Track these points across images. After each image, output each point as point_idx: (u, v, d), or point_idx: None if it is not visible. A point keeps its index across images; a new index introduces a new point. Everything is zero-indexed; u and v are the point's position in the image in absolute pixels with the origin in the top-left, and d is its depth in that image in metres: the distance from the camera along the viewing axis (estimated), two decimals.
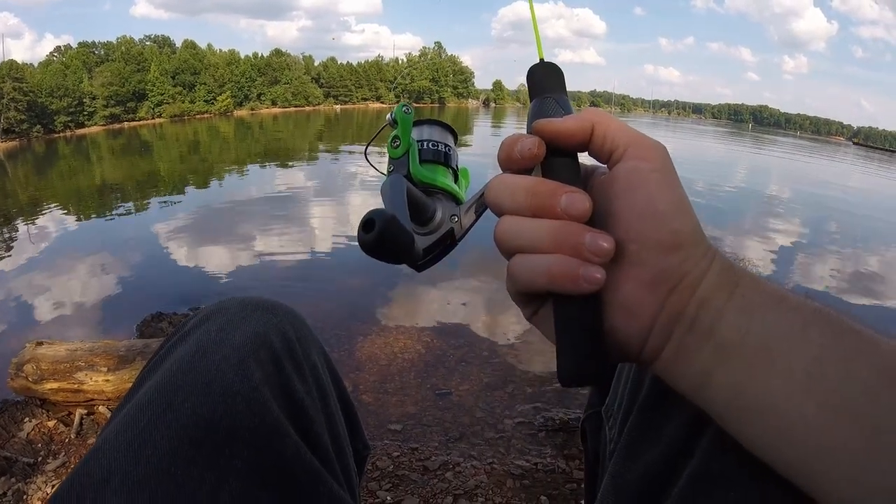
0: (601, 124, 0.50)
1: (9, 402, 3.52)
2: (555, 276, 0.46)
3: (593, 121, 0.50)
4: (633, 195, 0.48)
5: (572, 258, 0.46)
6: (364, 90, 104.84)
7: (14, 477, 2.89)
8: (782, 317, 0.44)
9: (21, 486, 2.81)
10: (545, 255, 0.47)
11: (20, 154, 35.29)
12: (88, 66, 67.09)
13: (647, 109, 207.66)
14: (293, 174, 17.30)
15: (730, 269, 0.48)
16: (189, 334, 0.71)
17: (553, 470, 2.84)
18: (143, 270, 7.47)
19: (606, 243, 0.46)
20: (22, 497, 2.75)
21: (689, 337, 0.47)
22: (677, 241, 0.47)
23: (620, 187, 0.49)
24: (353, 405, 0.93)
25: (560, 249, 0.47)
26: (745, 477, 0.48)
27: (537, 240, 0.48)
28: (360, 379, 4.01)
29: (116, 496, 0.51)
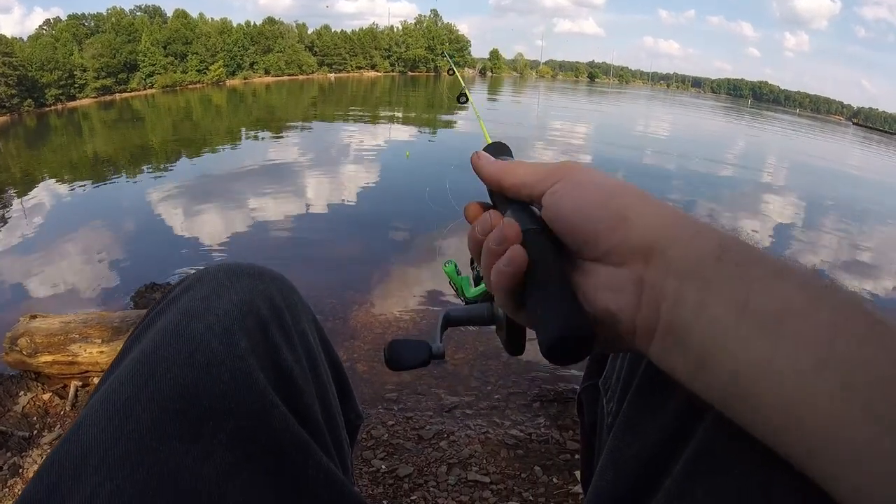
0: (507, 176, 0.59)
1: (3, 376, 3.52)
2: (493, 283, 0.53)
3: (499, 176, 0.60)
4: (564, 208, 0.53)
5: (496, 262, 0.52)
6: (359, 58, 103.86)
7: (10, 451, 2.90)
8: (787, 291, 0.41)
9: (17, 460, 2.83)
10: None
11: (11, 129, 35.00)
12: (78, 38, 66.19)
13: (646, 82, 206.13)
14: (286, 144, 17.24)
15: (709, 232, 0.47)
16: (174, 302, 0.70)
17: (547, 440, 2.86)
18: (136, 241, 7.48)
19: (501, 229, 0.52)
20: (17, 471, 2.76)
21: (678, 313, 0.45)
22: (620, 215, 0.49)
23: (554, 210, 0.54)
24: (344, 373, 0.92)
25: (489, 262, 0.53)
26: (748, 456, 0.45)
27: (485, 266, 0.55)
28: (355, 348, 4.02)
29: (97, 473, 0.50)
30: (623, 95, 79.10)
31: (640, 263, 0.48)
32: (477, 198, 0.65)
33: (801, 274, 0.42)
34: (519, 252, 0.50)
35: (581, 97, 59.28)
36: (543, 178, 0.55)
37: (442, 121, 25.27)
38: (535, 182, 0.56)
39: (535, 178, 0.56)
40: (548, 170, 0.56)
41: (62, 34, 64.66)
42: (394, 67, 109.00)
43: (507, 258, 0.50)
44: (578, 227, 0.51)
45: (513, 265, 0.50)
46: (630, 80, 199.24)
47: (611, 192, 0.51)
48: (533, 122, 24.65)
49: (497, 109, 31.77)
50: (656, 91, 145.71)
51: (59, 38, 63.24)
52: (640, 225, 0.48)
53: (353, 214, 8.55)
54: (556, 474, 2.61)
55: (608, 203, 0.50)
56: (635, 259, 0.48)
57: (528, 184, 0.57)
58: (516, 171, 0.58)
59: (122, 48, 67.14)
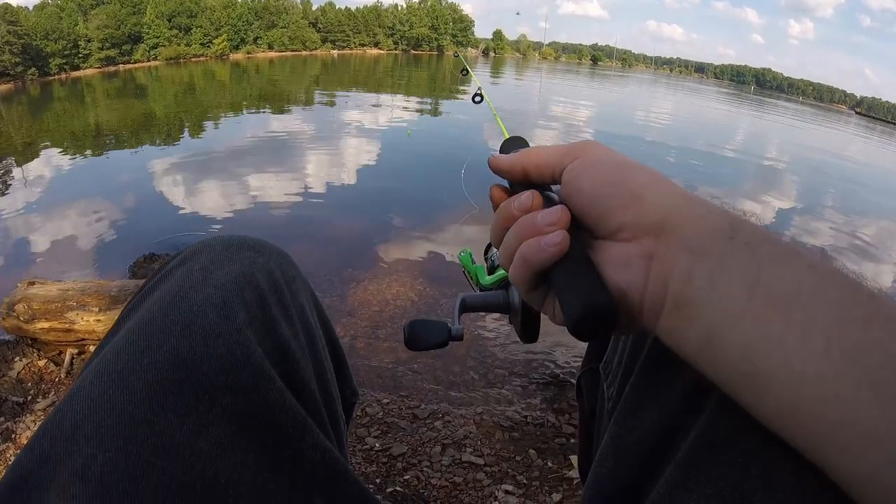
0: (530, 160, 0.60)
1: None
2: (526, 256, 0.52)
3: (521, 162, 0.61)
4: (580, 186, 0.54)
5: (535, 238, 0.52)
6: (362, 35, 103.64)
7: (3, 416, 2.90)
8: (797, 272, 0.41)
9: (10, 426, 2.83)
10: (518, 248, 0.54)
11: (15, 96, 34.89)
12: (84, 8, 65.90)
13: (649, 66, 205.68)
14: (288, 119, 17.16)
15: (721, 212, 0.47)
16: (171, 273, 0.69)
17: (542, 423, 2.87)
18: (136, 212, 7.47)
19: (556, 211, 0.53)
20: (10, 436, 2.76)
21: (687, 289, 0.45)
22: (634, 193, 0.50)
23: (572, 187, 0.55)
24: (342, 349, 0.91)
25: (524, 237, 0.53)
26: (751, 443, 0.45)
27: (510, 241, 0.55)
28: (352, 325, 4.02)
29: (89, 444, 0.50)
30: (626, 79, 78.77)
31: (651, 239, 0.48)
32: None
33: (810, 256, 0.42)
34: (566, 235, 0.51)
35: (583, 80, 59.05)
36: (562, 157, 0.57)
37: (444, 99, 25.22)
38: (555, 161, 0.57)
39: (555, 158, 0.57)
40: (566, 149, 0.57)
41: (67, 4, 64.34)
42: (397, 46, 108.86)
43: (555, 238, 0.51)
44: (594, 203, 0.52)
45: (559, 246, 0.51)
46: (633, 64, 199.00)
47: (626, 170, 0.52)
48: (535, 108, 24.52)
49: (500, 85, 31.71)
50: (659, 76, 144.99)
51: (65, 9, 62.99)
52: (652, 202, 0.49)
53: (352, 192, 8.55)
54: (550, 458, 2.61)
55: (623, 181, 0.51)
56: (646, 235, 0.48)
57: (549, 163, 0.58)
58: (538, 153, 0.60)
59: (127, 20, 66.94)
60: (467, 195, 0.79)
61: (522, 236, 0.53)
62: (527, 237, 0.53)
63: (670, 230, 0.47)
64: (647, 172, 0.52)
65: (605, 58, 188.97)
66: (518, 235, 0.54)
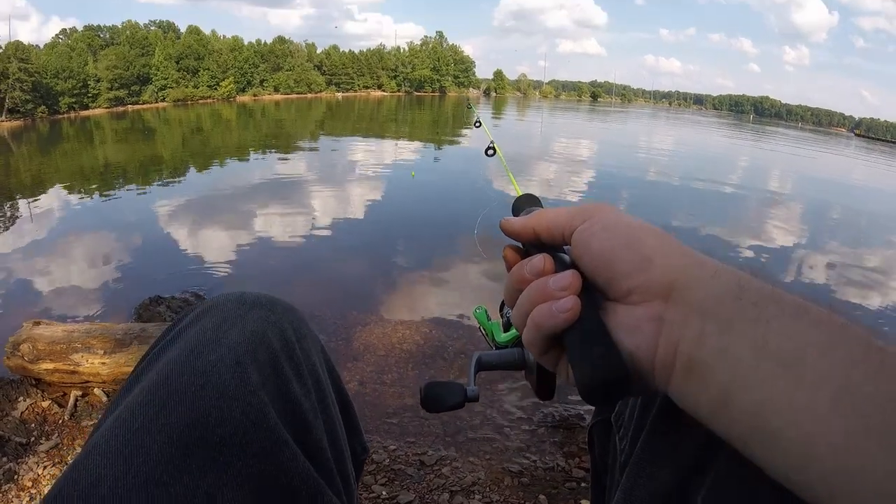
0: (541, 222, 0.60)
1: (4, 380, 3.51)
2: (537, 321, 0.53)
3: (531, 225, 0.61)
4: (590, 247, 0.54)
5: (547, 303, 0.52)
6: (366, 78, 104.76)
7: (6, 456, 2.88)
8: (804, 330, 0.42)
9: (12, 466, 2.81)
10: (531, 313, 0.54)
11: (24, 133, 35.37)
12: (93, 49, 67.09)
13: (648, 100, 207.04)
14: (293, 161, 17.31)
15: (728, 272, 0.48)
16: (185, 331, 0.70)
17: (552, 468, 2.83)
18: (142, 253, 7.48)
19: (567, 276, 0.53)
20: (13, 477, 2.74)
21: (698, 353, 0.45)
22: (644, 256, 0.51)
23: (581, 248, 0.55)
24: (352, 405, 0.92)
25: (536, 301, 0.53)
26: (762, 497, 0.46)
27: (523, 305, 0.55)
28: (358, 369, 3.99)
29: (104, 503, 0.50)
30: (626, 114, 79.55)
31: (660, 302, 0.49)
32: None
33: (817, 312, 0.43)
34: (577, 301, 0.51)
35: (584, 117, 59.56)
36: (573, 219, 0.57)
37: (446, 140, 25.41)
38: (565, 223, 0.57)
39: (565, 219, 0.57)
40: (577, 210, 0.58)
41: (78, 44, 65.55)
42: (400, 87, 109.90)
43: (566, 304, 0.51)
44: (605, 265, 0.52)
45: (570, 312, 0.51)
46: (632, 99, 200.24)
47: (636, 232, 0.53)
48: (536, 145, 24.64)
49: (502, 126, 31.96)
50: (658, 109, 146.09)
51: (75, 48, 64.10)
52: (662, 265, 0.50)
53: (357, 234, 8.58)
54: (561, 503, 2.57)
55: (633, 243, 0.52)
56: (656, 298, 0.49)
57: (559, 225, 0.58)
58: (547, 215, 0.60)
59: (136, 61, 68.04)
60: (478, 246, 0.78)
61: (535, 301, 0.54)
62: (539, 302, 0.53)
63: (679, 293, 0.48)
64: (657, 235, 0.52)
65: (605, 94, 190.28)
66: (531, 299, 0.54)
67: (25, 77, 51.24)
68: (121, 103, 64.46)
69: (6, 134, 34.79)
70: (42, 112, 52.49)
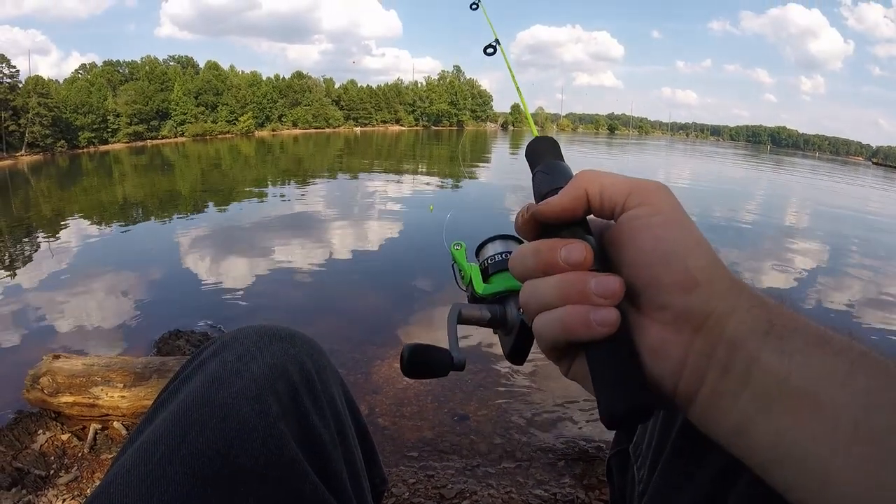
0: (593, 186, 0.52)
1: (24, 413, 3.53)
2: (568, 326, 0.48)
3: (585, 188, 0.52)
4: (639, 241, 0.49)
5: (582, 305, 0.47)
6: (384, 112, 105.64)
7: (25, 489, 2.89)
8: (826, 360, 0.42)
9: (32, 499, 2.81)
10: (558, 308, 0.49)
11: (44, 168, 35.90)
12: (113, 84, 68.33)
13: (666, 132, 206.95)
14: (311, 195, 17.45)
15: (762, 305, 0.46)
16: (206, 363, 0.71)
17: (572, 500, 2.80)
18: (161, 287, 7.54)
19: (614, 284, 0.47)
20: None
21: (723, 382, 0.45)
22: (692, 278, 0.47)
23: (627, 236, 0.50)
24: (370, 437, 0.92)
25: (569, 299, 0.48)
26: None
27: (548, 295, 0.50)
28: (377, 402, 3.98)
29: None
30: (644, 146, 79.60)
31: (692, 329, 0.47)
32: None
33: (839, 342, 0.43)
34: (619, 316, 0.47)
35: (602, 149, 59.65)
36: (629, 195, 0.51)
37: (464, 174, 25.48)
38: (620, 197, 0.51)
39: (622, 194, 0.51)
40: (632, 186, 0.51)
41: (97, 79, 66.72)
42: (418, 122, 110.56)
43: (608, 317, 0.47)
44: (649, 269, 0.49)
45: (610, 328, 0.47)
46: (650, 131, 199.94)
47: (689, 242, 0.49)
48: None
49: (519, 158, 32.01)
50: (675, 141, 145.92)
51: (94, 83, 65.19)
52: (706, 292, 0.47)
53: (377, 266, 8.59)
54: None
55: (684, 255, 0.48)
56: (688, 323, 0.47)
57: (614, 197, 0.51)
58: (601, 181, 0.52)
59: (155, 96, 69.08)
60: None
61: (568, 297, 0.48)
62: (572, 301, 0.48)
63: (713, 325, 0.46)
64: (707, 251, 0.49)
65: (622, 126, 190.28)
66: (562, 294, 0.49)
67: (45, 112, 52.22)
68: (140, 138, 65.43)
69: (26, 168, 35.40)
70: (61, 146, 53.45)
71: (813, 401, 0.41)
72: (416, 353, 0.66)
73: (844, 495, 0.38)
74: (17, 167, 36.71)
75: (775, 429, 0.42)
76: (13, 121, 49.89)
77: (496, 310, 0.75)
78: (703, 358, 0.46)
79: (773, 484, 0.43)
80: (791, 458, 0.41)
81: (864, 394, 0.39)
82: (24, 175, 30.49)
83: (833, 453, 0.39)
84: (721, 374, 0.45)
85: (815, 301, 7.63)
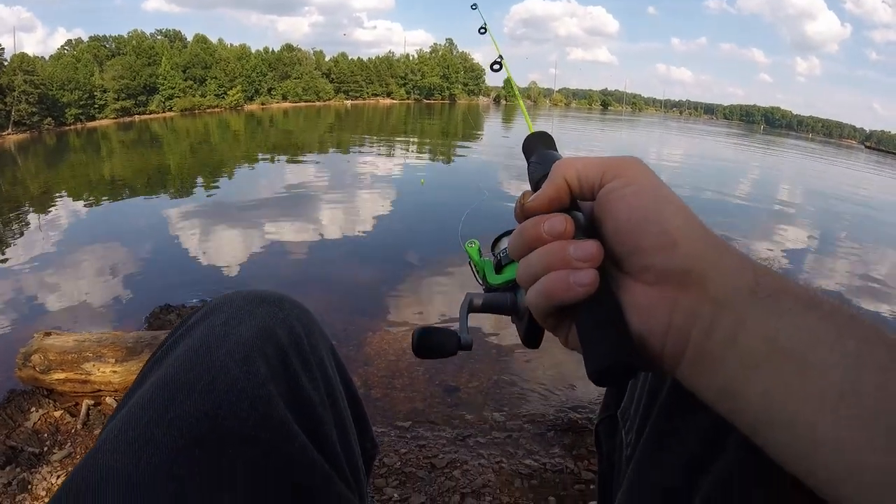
0: (570, 172, 0.55)
1: (16, 391, 3.53)
2: (550, 291, 0.50)
3: (563, 176, 0.55)
4: (616, 212, 0.51)
5: (563, 270, 0.50)
6: (375, 86, 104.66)
7: (19, 466, 2.89)
8: (815, 323, 0.42)
9: (26, 476, 2.81)
10: (543, 277, 0.51)
11: (31, 146, 35.50)
12: (99, 59, 67.19)
13: (659, 109, 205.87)
14: (302, 169, 17.34)
15: (747, 264, 0.47)
16: (193, 328, 0.70)
17: (562, 470, 2.82)
18: (152, 262, 7.51)
19: (591, 247, 0.50)
20: (26, 487, 2.75)
21: (709, 342, 0.46)
22: (670, 238, 0.49)
23: (605, 210, 0.52)
24: (361, 402, 0.92)
25: (552, 266, 0.51)
26: (767, 489, 0.47)
27: (535, 265, 0.53)
28: (369, 374, 4.00)
29: (116, 497, 0.50)
30: (637, 123, 79.21)
31: (676, 286, 0.48)
32: None
33: (829, 304, 0.44)
34: (597, 276, 0.49)
35: (595, 125, 59.44)
36: (603, 173, 0.53)
37: (456, 147, 25.38)
38: (595, 176, 0.53)
39: (596, 172, 0.54)
40: (606, 164, 0.54)
41: (83, 55, 65.58)
42: (409, 95, 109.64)
43: (586, 277, 0.49)
44: (627, 235, 0.50)
45: (589, 287, 0.49)
46: (643, 108, 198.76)
47: (663, 205, 0.50)
48: None
49: (511, 135, 31.90)
50: (669, 118, 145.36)
51: (81, 59, 64.13)
52: (685, 249, 0.48)
53: (367, 240, 8.58)
54: None
55: (660, 219, 0.49)
56: (672, 282, 0.48)
57: (589, 178, 0.54)
58: (576, 166, 0.55)
59: (142, 71, 68.08)
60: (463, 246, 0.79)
61: (550, 265, 0.51)
62: (555, 267, 0.51)
63: (696, 281, 0.47)
64: (683, 213, 0.50)
65: (616, 102, 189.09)
66: (545, 263, 0.52)
67: (31, 89, 51.36)
68: (127, 114, 64.53)
69: (13, 147, 34.96)
70: (48, 124, 52.61)
71: (801, 362, 0.41)
72: (424, 335, 0.73)
73: (833, 456, 0.39)
74: (4, 146, 36.26)
75: (762, 390, 0.42)
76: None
77: (507, 297, 0.77)
78: (689, 316, 0.47)
79: (762, 445, 0.44)
80: (779, 420, 0.42)
81: (852, 356, 0.40)
82: (10, 154, 30.17)
83: (821, 414, 0.39)
84: (706, 332, 0.46)
85: None
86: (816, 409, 0.40)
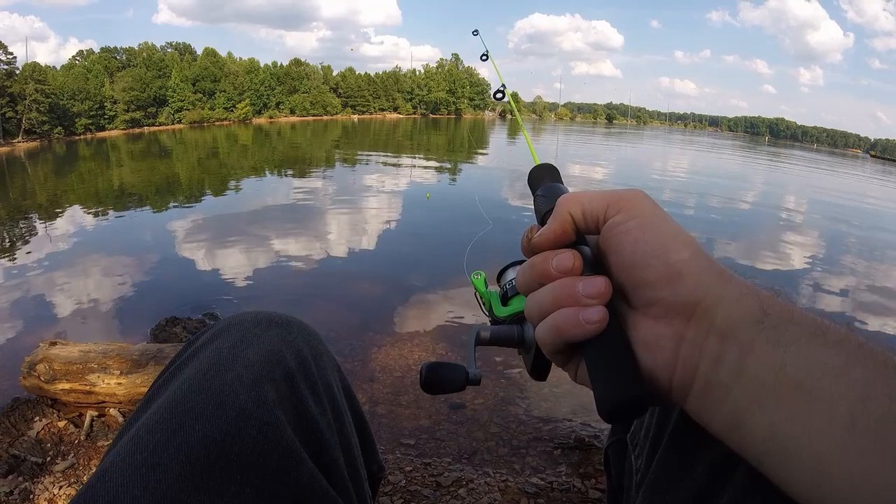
0: (575, 208, 0.55)
1: (20, 400, 3.52)
2: (560, 327, 0.51)
3: (568, 211, 0.55)
4: (620, 246, 0.51)
5: (573, 308, 0.50)
6: (381, 100, 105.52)
7: (21, 476, 2.88)
8: (822, 352, 0.42)
9: (28, 486, 2.81)
10: (553, 313, 0.52)
11: (41, 154, 35.82)
12: (110, 70, 67.99)
13: (664, 122, 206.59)
14: (309, 182, 17.44)
15: (753, 294, 0.47)
16: (201, 350, 0.70)
17: (568, 489, 2.80)
18: (158, 274, 7.53)
19: (600, 284, 0.50)
20: (28, 496, 2.74)
21: (716, 374, 0.46)
22: (675, 271, 0.49)
23: (610, 244, 0.52)
24: (367, 424, 0.93)
25: (561, 303, 0.51)
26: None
27: (544, 302, 0.53)
28: (374, 390, 3.99)
29: None
30: (641, 136, 79.42)
31: (682, 320, 0.48)
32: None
33: (836, 333, 0.43)
34: (606, 314, 0.50)
35: (599, 139, 59.55)
36: (608, 207, 0.53)
37: (462, 162, 25.45)
38: (599, 210, 0.54)
39: (600, 206, 0.54)
40: (611, 198, 0.54)
41: (94, 66, 66.43)
42: (416, 110, 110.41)
43: (595, 315, 0.49)
44: (633, 270, 0.51)
45: (599, 325, 0.49)
46: (648, 121, 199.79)
47: (668, 240, 0.50)
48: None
49: (516, 148, 31.99)
50: (674, 131, 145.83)
51: (92, 70, 64.97)
52: (691, 283, 0.48)
53: (374, 255, 8.58)
54: None
55: (665, 252, 0.50)
56: (678, 315, 0.49)
57: (594, 212, 0.54)
58: (580, 200, 0.55)
59: (152, 83, 68.82)
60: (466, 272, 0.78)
61: (560, 301, 0.51)
62: (564, 304, 0.51)
63: (703, 314, 0.47)
64: (689, 246, 0.50)
65: (620, 116, 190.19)
66: (555, 299, 0.52)
67: (42, 98, 52.07)
68: (137, 125, 65.26)
69: (23, 155, 35.29)
70: (58, 133, 53.31)
71: (808, 392, 0.41)
72: (432, 370, 0.70)
73: (841, 488, 0.38)
74: (15, 154, 36.63)
75: (770, 421, 0.42)
76: (10, 107, 49.76)
77: (514, 329, 0.77)
78: (695, 348, 0.47)
79: (770, 476, 0.43)
80: (787, 452, 0.41)
81: (860, 385, 0.39)
82: (21, 161, 30.40)
83: (829, 446, 0.39)
84: (713, 364, 0.46)
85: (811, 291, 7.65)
86: (824, 439, 0.39)
